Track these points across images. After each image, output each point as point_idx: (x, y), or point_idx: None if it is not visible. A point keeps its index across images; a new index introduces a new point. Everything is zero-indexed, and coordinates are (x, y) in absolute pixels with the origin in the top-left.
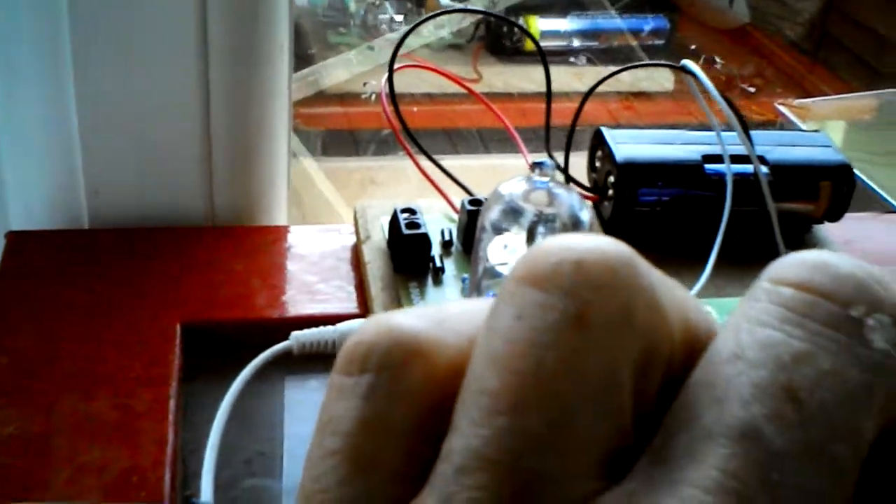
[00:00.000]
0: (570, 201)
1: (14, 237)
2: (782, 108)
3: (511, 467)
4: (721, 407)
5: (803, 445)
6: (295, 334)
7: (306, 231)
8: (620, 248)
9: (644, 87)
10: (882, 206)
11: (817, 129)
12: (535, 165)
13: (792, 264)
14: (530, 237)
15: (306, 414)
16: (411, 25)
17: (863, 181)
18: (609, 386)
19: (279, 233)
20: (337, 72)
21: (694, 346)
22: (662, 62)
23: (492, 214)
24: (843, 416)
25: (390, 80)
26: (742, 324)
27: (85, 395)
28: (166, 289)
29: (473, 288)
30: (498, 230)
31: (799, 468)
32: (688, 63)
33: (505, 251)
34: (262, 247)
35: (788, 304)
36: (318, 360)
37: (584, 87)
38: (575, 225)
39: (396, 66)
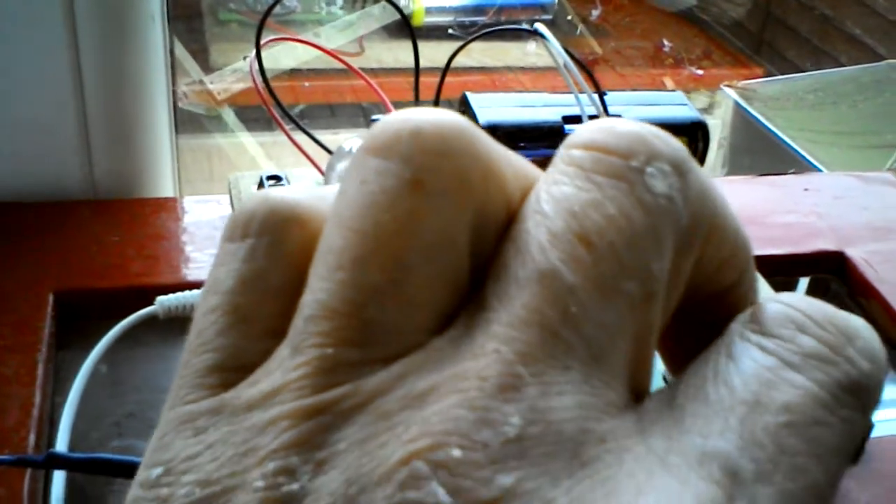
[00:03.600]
0: None
1: None
2: (728, 91)
3: (351, 316)
4: (524, 255)
5: (596, 281)
6: (160, 299)
7: (187, 203)
8: (457, 119)
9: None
10: None
11: (764, 110)
12: (372, 121)
13: (581, 130)
14: None
15: None
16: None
17: (810, 162)
18: (444, 245)
19: (159, 205)
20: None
21: None
22: (515, 27)
23: (336, 171)
24: (631, 255)
25: (258, 54)
26: (542, 185)
27: None
28: (39, 260)
29: None
30: None
31: (594, 302)
32: (539, 27)
33: None
34: (141, 218)
35: (577, 163)
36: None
37: (471, 62)
38: None
39: (266, 39)
